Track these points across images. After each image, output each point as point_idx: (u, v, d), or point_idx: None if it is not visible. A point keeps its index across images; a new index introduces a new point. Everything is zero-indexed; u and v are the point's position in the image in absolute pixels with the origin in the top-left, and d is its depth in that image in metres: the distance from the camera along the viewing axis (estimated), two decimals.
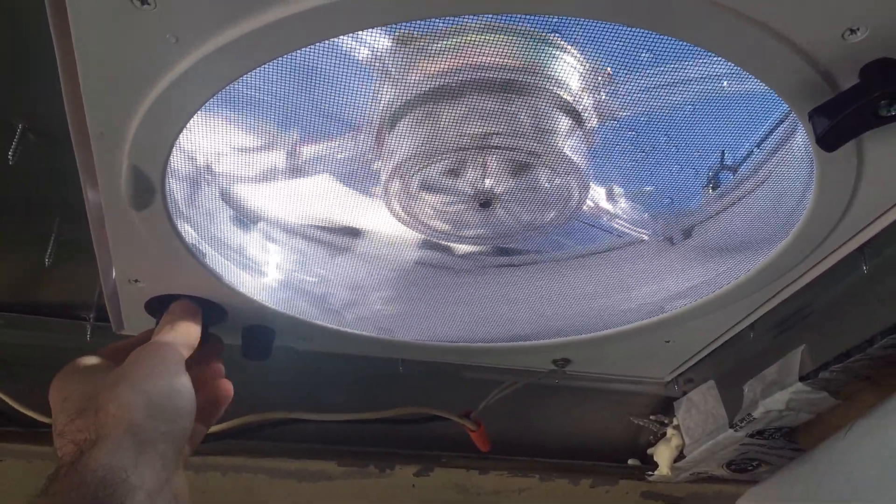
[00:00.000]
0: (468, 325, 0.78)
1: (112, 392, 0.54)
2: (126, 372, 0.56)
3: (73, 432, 0.52)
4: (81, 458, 0.49)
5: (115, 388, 0.54)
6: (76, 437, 0.51)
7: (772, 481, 0.96)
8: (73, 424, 0.53)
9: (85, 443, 0.50)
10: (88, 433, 0.51)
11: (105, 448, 0.49)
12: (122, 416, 0.51)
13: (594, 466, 1.05)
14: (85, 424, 0.52)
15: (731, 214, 0.69)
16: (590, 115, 0.59)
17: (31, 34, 0.50)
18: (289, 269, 0.72)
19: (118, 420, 0.51)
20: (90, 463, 0.48)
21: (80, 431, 0.52)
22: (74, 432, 0.52)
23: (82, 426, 0.52)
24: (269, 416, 0.88)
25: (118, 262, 0.64)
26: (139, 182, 0.53)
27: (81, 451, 0.50)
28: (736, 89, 0.57)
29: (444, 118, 0.56)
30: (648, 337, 0.77)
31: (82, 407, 0.54)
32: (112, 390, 0.54)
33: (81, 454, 0.50)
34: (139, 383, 0.55)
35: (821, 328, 0.75)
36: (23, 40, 0.52)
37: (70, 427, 0.53)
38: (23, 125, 0.57)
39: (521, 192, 0.61)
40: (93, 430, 0.51)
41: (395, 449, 0.99)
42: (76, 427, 0.52)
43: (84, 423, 0.52)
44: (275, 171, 0.64)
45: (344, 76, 0.55)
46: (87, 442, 0.50)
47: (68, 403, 0.55)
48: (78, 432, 0.52)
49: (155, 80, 0.46)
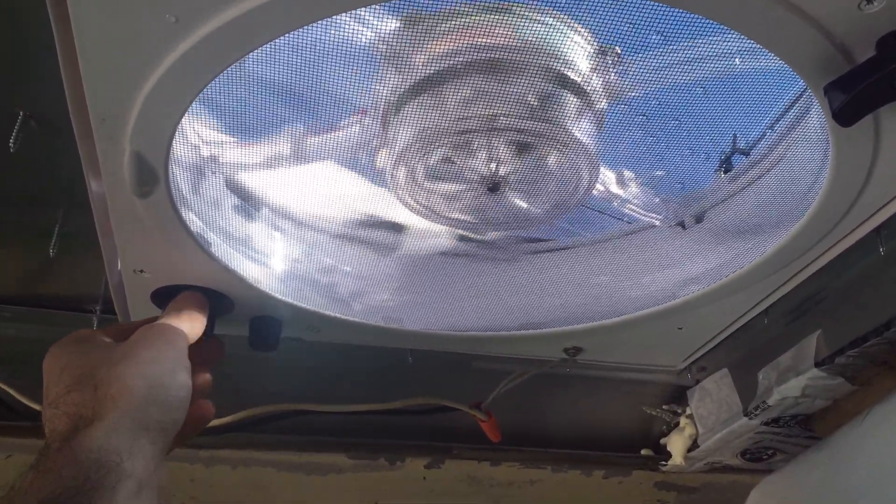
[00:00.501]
0: (477, 313, 0.77)
1: (113, 370, 0.53)
2: (129, 351, 0.55)
3: (67, 405, 0.51)
4: (76, 434, 0.48)
5: (116, 366, 0.53)
6: (70, 410, 0.50)
7: (787, 470, 0.95)
8: (69, 396, 0.51)
9: (80, 419, 0.49)
10: (85, 409, 0.50)
11: (102, 428, 0.48)
12: (121, 398, 0.50)
13: (607, 457, 1.04)
14: (82, 398, 0.51)
15: (743, 198, 0.68)
16: (599, 96, 0.58)
17: (31, 20, 0.49)
18: (295, 259, 0.72)
19: (117, 401, 0.50)
20: (85, 441, 0.47)
21: (75, 405, 0.51)
22: (69, 405, 0.51)
23: (78, 400, 0.51)
24: (278, 408, 0.87)
25: (123, 253, 0.64)
26: (142, 169, 0.53)
27: (76, 427, 0.49)
28: (748, 67, 0.55)
29: (450, 101, 0.55)
30: (661, 324, 0.76)
31: (80, 380, 0.53)
32: (113, 368, 0.53)
33: (76, 430, 0.48)
34: (142, 366, 0.54)
35: (836, 313, 0.74)
36: (22, 26, 0.52)
37: (65, 399, 0.51)
38: (24, 112, 0.56)
39: (529, 176, 0.60)
40: (90, 407, 0.50)
41: (406, 441, 0.98)
42: (72, 400, 0.51)
43: (81, 398, 0.51)
44: (279, 159, 0.63)
45: (347, 60, 0.54)
46: (82, 418, 0.49)
47: (66, 374, 0.54)
48: (73, 405, 0.51)
49: (155, 62, 0.45)
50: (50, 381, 0.55)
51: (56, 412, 0.51)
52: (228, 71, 0.50)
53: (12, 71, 0.54)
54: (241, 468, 0.95)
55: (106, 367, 0.53)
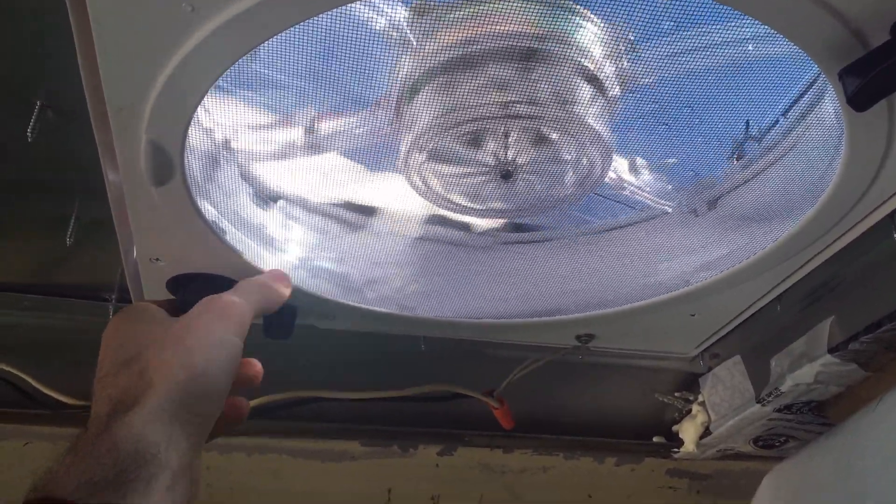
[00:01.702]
0: (490, 301, 0.77)
1: (160, 355, 0.52)
2: (181, 334, 0.53)
3: (113, 386, 0.50)
4: (115, 419, 0.48)
5: (163, 350, 0.52)
6: (113, 393, 0.50)
7: (800, 456, 0.95)
8: (116, 378, 0.51)
9: (120, 403, 0.49)
10: (127, 394, 0.49)
11: (141, 416, 0.48)
12: (161, 386, 0.50)
13: (619, 444, 1.04)
14: (127, 382, 0.50)
15: (756, 184, 0.68)
16: (612, 83, 0.58)
17: (48, 10, 0.50)
18: (309, 247, 0.72)
19: (157, 389, 0.49)
20: (124, 430, 0.47)
21: (119, 388, 0.50)
22: (114, 387, 0.50)
23: (124, 383, 0.50)
24: (292, 394, 0.88)
25: (139, 241, 0.64)
26: (158, 158, 0.53)
27: (116, 410, 0.48)
28: (762, 53, 0.55)
29: (464, 88, 0.55)
30: (673, 310, 0.76)
31: (129, 361, 0.52)
32: (160, 353, 0.52)
33: (115, 415, 0.48)
34: (188, 354, 0.52)
35: (850, 299, 0.74)
36: (40, 16, 0.52)
37: (112, 379, 0.51)
38: (41, 102, 0.56)
39: (542, 163, 0.61)
40: (131, 393, 0.49)
41: (419, 428, 0.98)
42: (117, 382, 0.50)
43: (126, 381, 0.50)
44: (294, 148, 0.63)
45: (361, 48, 0.54)
46: (122, 403, 0.49)
47: (120, 352, 0.53)
48: (117, 388, 0.50)
49: (172, 51, 0.45)
50: (104, 356, 0.54)
51: (101, 391, 0.51)
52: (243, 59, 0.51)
53: (30, 61, 0.55)
54: (256, 455, 0.96)
55: (154, 351, 0.52)
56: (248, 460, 0.95)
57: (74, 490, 0.44)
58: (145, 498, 0.45)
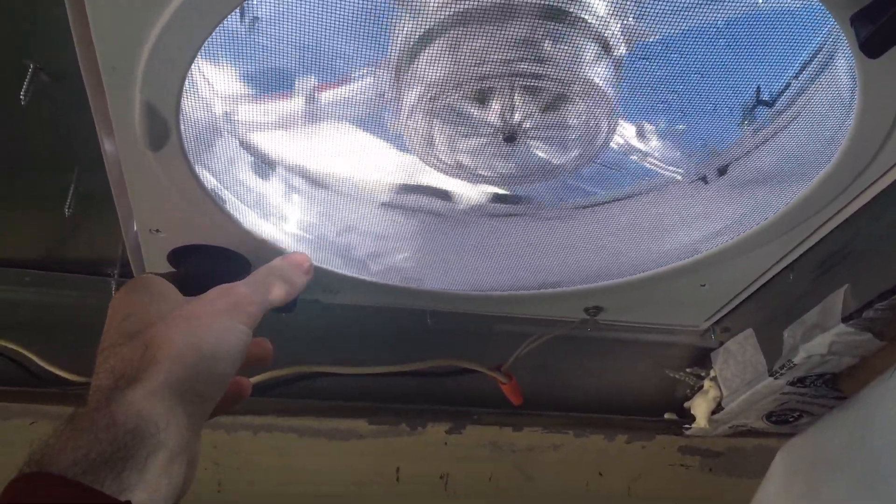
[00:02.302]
0: (497, 273, 0.76)
1: (168, 332, 0.50)
2: (192, 313, 0.52)
3: (115, 358, 0.49)
4: (116, 395, 0.47)
5: (172, 327, 0.51)
6: (117, 365, 0.49)
7: (813, 431, 0.93)
8: (120, 349, 0.50)
9: (122, 377, 0.48)
10: (130, 368, 0.48)
11: (143, 393, 0.47)
12: (166, 363, 0.48)
13: (630, 421, 1.03)
14: (131, 355, 0.49)
15: (767, 149, 0.67)
16: (617, 40, 0.56)
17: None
18: (311, 219, 0.71)
19: (161, 366, 0.48)
20: (124, 406, 0.46)
21: (122, 360, 0.49)
22: (117, 359, 0.49)
23: (127, 355, 0.49)
24: (296, 370, 0.87)
25: (138, 212, 0.63)
26: (153, 120, 0.52)
27: (117, 385, 0.47)
28: (772, 5, 0.54)
29: (465, 47, 0.54)
30: (683, 281, 0.75)
31: (134, 334, 0.51)
32: (168, 330, 0.50)
33: (116, 389, 0.47)
34: (198, 334, 0.51)
35: (864, 265, 0.72)
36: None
37: (115, 351, 0.50)
38: (34, 65, 0.55)
39: (547, 124, 0.59)
40: (135, 367, 0.48)
41: (427, 406, 0.97)
42: (121, 354, 0.49)
43: (130, 353, 0.49)
44: (294, 116, 0.62)
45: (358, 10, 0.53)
46: (124, 377, 0.48)
47: (125, 324, 0.52)
48: (120, 361, 0.49)
49: (161, 6, 0.44)
50: (109, 326, 0.53)
51: (104, 365, 0.50)
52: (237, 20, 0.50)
53: (20, 22, 0.54)
54: (262, 434, 0.95)
55: (162, 326, 0.51)
56: (255, 439, 0.95)
57: (69, 466, 0.43)
58: (141, 476, 0.44)
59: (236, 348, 0.52)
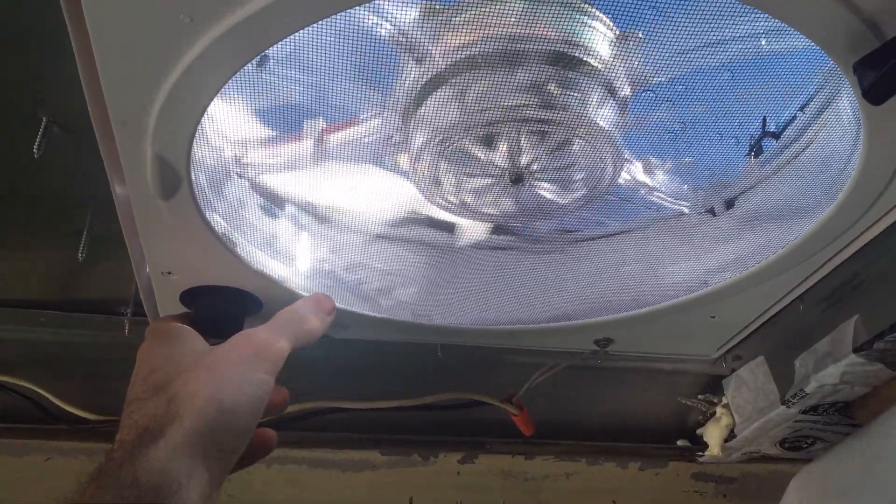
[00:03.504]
0: (506, 307, 0.76)
1: (189, 386, 0.51)
2: (214, 364, 0.52)
3: (140, 414, 0.50)
4: (140, 451, 0.47)
5: (193, 381, 0.51)
6: (141, 420, 0.49)
7: (827, 458, 0.93)
8: (145, 404, 0.50)
9: (146, 432, 0.48)
10: (153, 423, 0.49)
11: (165, 449, 0.47)
12: (188, 419, 0.49)
13: (642, 449, 1.03)
14: (155, 410, 0.49)
15: (775, 182, 0.67)
16: (622, 83, 0.57)
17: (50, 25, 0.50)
18: (321, 257, 0.72)
19: (183, 421, 0.49)
20: (147, 464, 0.46)
21: (145, 416, 0.49)
22: (141, 414, 0.49)
23: (152, 411, 0.49)
24: (311, 405, 0.87)
25: (150, 255, 0.64)
26: (164, 171, 0.53)
27: (140, 440, 0.48)
28: (775, 47, 0.54)
29: (471, 93, 0.54)
30: (692, 313, 0.75)
31: (159, 389, 0.51)
32: (190, 383, 0.51)
33: (140, 445, 0.47)
34: (219, 387, 0.51)
35: (874, 297, 0.72)
36: (42, 32, 0.52)
37: (140, 406, 0.50)
38: (47, 118, 0.56)
39: (553, 166, 0.60)
40: (158, 422, 0.49)
41: (439, 436, 0.98)
42: (147, 408, 0.50)
43: (154, 409, 0.50)
44: (303, 158, 0.63)
45: (365, 56, 0.53)
46: (148, 432, 0.48)
47: (152, 377, 0.52)
48: (145, 416, 0.49)
49: (172, 63, 0.45)
50: (136, 379, 0.53)
51: (128, 419, 0.50)
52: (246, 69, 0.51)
53: (34, 77, 0.55)
54: (276, 466, 0.95)
55: (183, 380, 0.51)
56: (268, 471, 0.95)
57: None
58: None
59: (257, 400, 0.52)
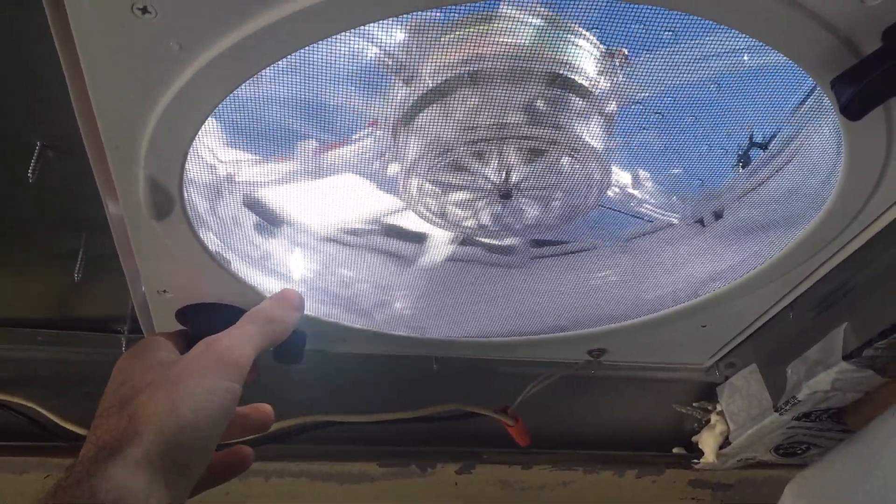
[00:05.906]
0: (499, 319, 0.77)
1: (150, 401, 0.50)
2: (177, 377, 0.51)
3: (102, 427, 0.49)
4: (98, 468, 0.46)
5: (154, 395, 0.50)
6: (101, 436, 0.49)
7: (821, 464, 0.93)
8: (109, 419, 0.50)
9: (104, 449, 0.48)
10: (112, 438, 0.48)
11: (123, 467, 0.46)
12: (147, 435, 0.48)
13: (639, 457, 1.03)
14: (117, 424, 0.49)
15: (762, 192, 0.67)
16: (608, 98, 0.58)
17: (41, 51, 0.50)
18: (316, 272, 0.72)
19: (142, 437, 0.48)
20: (104, 481, 0.45)
21: (108, 431, 0.49)
22: (103, 430, 0.49)
23: (113, 426, 0.49)
24: (306, 419, 0.88)
25: (145, 274, 0.65)
26: (157, 193, 0.53)
27: (97, 456, 0.47)
28: (757, 63, 0.55)
29: (458, 111, 0.55)
30: (684, 322, 0.76)
31: (124, 403, 0.51)
32: (152, 398, 0.50)
33: (97, 461, 0.47)
34: (180, 401, 0.50)
35: (863, 304, 0.73)
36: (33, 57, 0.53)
37: (104, 421, 0.50)
38: (41, 142, 0.57)
39: (542, 182, 0.60)
40: (118, 437, 0.48)
41: (436, 447, 0.98)
42: (109, 424, 0.49)
43: (117, 423, 0.49)
44: (295, 177, 0.64)
45: (353, 77, 0.54)
46: (105, 449, 0.48)
47: (120, 390, 0.52)
48: (106, 431, 0.49)
49: (163, 88, 0.46)
50: (107, 391, 0.53)
51: (92, 435, 0.50)
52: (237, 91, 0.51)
53: (27, 103, 0.55)
54: (274, 479, 0.96)
55: (148, 395, 0.51)
56: (266, 485, 0.96)
57: None
58: None
59: (221, 411, 0.51)
